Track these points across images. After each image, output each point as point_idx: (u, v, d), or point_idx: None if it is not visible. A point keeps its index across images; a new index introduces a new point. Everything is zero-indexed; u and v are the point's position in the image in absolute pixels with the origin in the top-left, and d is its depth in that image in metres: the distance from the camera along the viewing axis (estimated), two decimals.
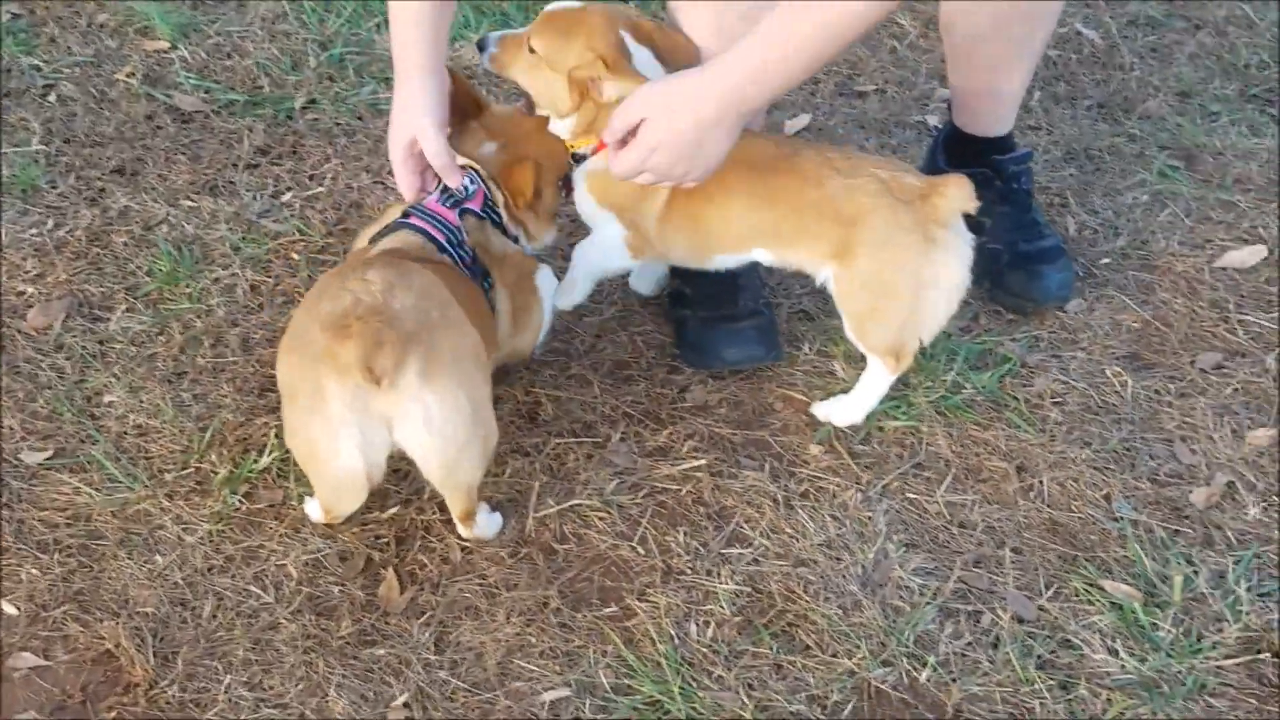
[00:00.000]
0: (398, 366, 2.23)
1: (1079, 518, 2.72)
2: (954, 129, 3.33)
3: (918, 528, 2.69)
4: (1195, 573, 2.59)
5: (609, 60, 2.62)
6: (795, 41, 2.40)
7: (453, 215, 2.64)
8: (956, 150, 3.33)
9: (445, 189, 2.66)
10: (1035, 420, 2.90)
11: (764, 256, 2.82)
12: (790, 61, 2.43)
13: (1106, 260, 3.31)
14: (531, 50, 2.68)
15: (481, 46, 2.78)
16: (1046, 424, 2.90)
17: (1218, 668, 2.44)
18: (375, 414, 2.30)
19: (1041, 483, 2.78)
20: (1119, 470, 2.81)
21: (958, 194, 2.68)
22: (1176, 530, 2.69)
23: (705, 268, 2.89)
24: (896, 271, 2.69)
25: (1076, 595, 2.57)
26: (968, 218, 3.12)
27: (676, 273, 3.11)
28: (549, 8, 2.72)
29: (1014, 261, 3.18)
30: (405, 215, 2.65)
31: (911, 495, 2.75)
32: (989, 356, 3.05)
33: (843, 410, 2.87)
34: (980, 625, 2.52)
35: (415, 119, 2.64)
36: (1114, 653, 2.46)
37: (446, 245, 2.59)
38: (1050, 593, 2.57)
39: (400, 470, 2.66)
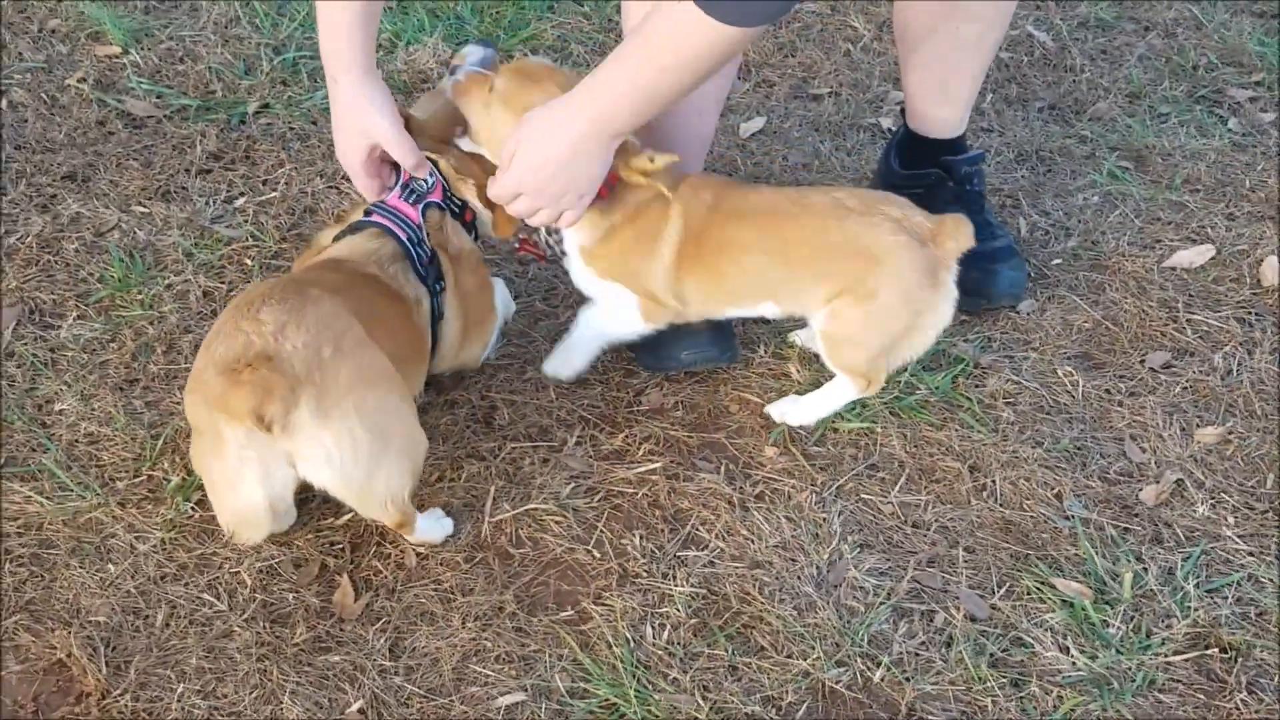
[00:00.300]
0: (288, 413, 2.27)
1: (1031, 516, 2.74)
2: (908, 131, 3.36)
3: (872, 528, 2.71)
4: (1145, 570, 2.62)
5: None
6: (655, 70, 2.40)
7: (414, 212, 2.65)
8: (910, 152, 3.36)
9: (406, 184, 2.67)
10: (988, 420, 2.92)
11: (771, 310, 2.80)
12: (656, 88, 2.42)
13: (1058, 261, 3.34)
14: (491, 89, 2.66)
15: (452, 71, 2.75)
16: (999, 424, 2.92)
17: (1167, 663, 2.47)
18: (275, 453, 2.33)
19: (994, 482, 2.80)
20: (1070, 469, 2.83)
21: (963, 236, 2.74)
22: (1126, 528, 2.71)
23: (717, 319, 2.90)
24: (903, 308, 2.72)
25: (1028, 594, 2.58)
26: None
27: None
28: (521, 59, 2.72)
29: (967, 260, 3.18)
30: (368, 214, 2.65)
31: (866, 496, 2.77)
32: (942, 357, 3.06)
33: (798, 411, 2.88)
34: (934, 624, 2.54)
35: (371, 121, 2.62)
36: (1065, 650, 2.48)
37: (407, 243, 2.59)
38: (1002, 591, 2.59)
39: None
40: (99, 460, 2.73)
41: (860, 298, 2.70)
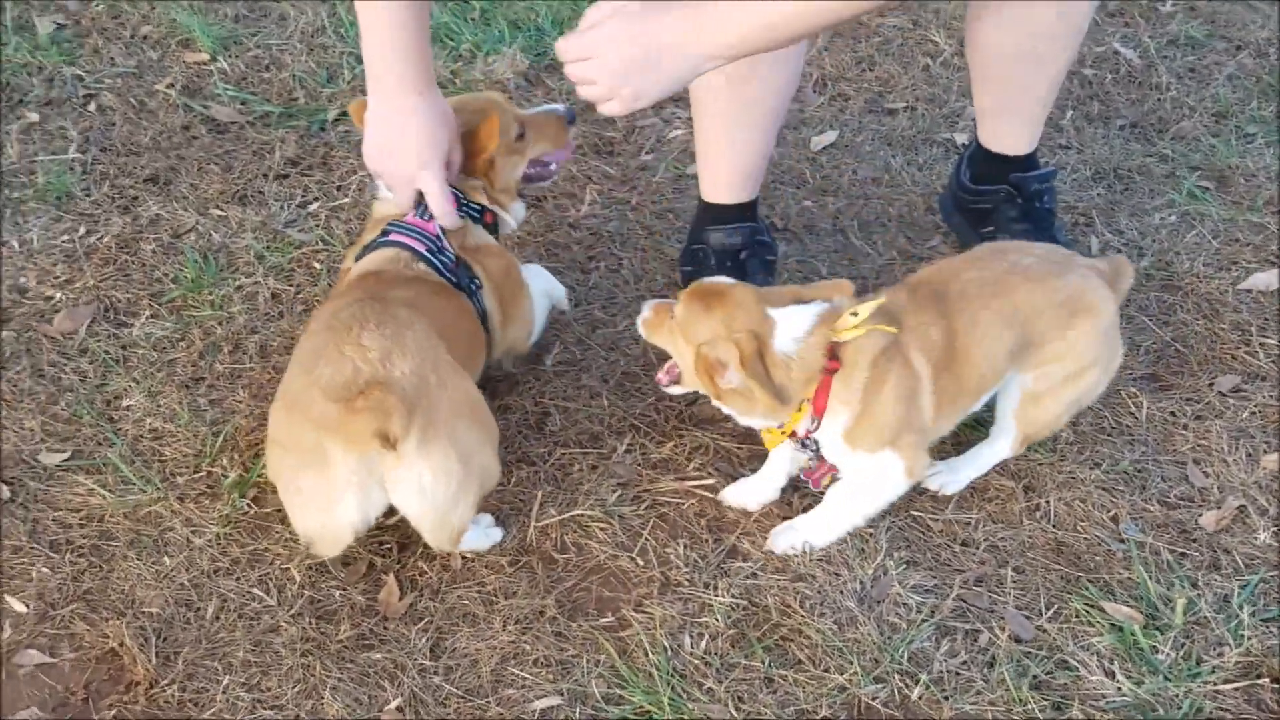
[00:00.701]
0: (405, 433, 2.33)
1: (1084, 539, 2.70)
2: (979, 146, 3.33)
3: (920, 545, 2.69)
4: (1199, 596, 2.57)
5: (744, 351, 2.41)
6: (778, 16, 2.30)
7: (431, 226, 2.69)
8: (981, 168, 3.33)
9: (420, 201, 2.71)
10: (1046, 441, 2.88)
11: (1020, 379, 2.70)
12: (766, 32, 2.32)
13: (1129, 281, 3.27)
14: (672, 316, 2.58)
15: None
16: (1058, 444, 2.88)
17: (1215, 691, 2.41)
18: (374, 478, 2.40)
19: (1048, 503, 2.76)
20: (1129, 491, 2.78)
21: (1127, 276, 2.78)
22: (1183, 553, 2.66)
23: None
24: (1110, 358, 2.74)
25: (1077, 616, 2.54)
26: (986, 236, 3.13)
27: (686, 285, 3.11)
28: (701, 281, 2.60)
29: None
30: (385, 233, 2.69)
31: (915, 513, 2.74)
32: None
33: (955, 479, 2.79)
34: (977, 644, 2.51)
35: (414, 167, 2.64)
36: (1111, 674, 2.44)
37: (427, 254, 2.64)
38: (1050, 613, 2.56)
39: None
40: (161, 455, 2.80)
41: (1066, 354, 2.65)
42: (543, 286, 2.97)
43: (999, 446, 2.78)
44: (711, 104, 3.02)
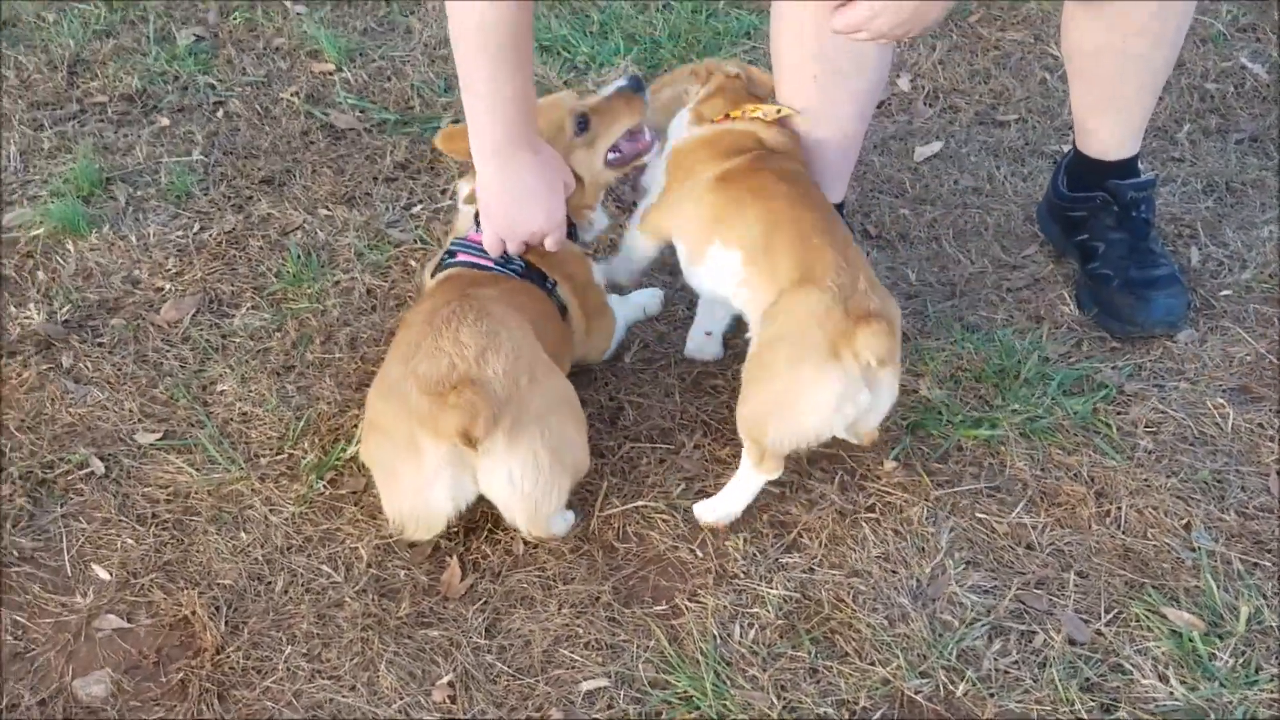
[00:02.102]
0: (489, 435, 2.42)
1: (1153, 545, 2.64)
2: (1076, 152, 3.29)
3: (982, 546, 2.66)
4: (1266, 606, 2.49)
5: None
6: None
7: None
8: (1077, 174, 3.29)
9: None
10: (1124, 447, 2.83)
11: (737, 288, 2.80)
12: None
13: (1227, 292, 3.21)
14: None
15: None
16: (1135, 451, 2.83)
17: (1272, 699, 2.34)
18: (466, 469, 2.50)
19: (1120, 509, 2.71)
20: (1205, 501, 2.72)
21: (879, 349, 2.52)
22: (1256, 564, 2.59)
23: None
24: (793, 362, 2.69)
25: (1136, 621, 2.50)
26: (1079, 243, 3.09)
27: None
28: None
29: (1123, 286, 3.12)
30: (451, 252, 2.79)
31: (981, 515, 2.72)
32: (1085, 383, 2.99)
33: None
34: (1030, 645, 2.47)
35: (543, 225, 2.75)
36: (1164, 679, 2.39)
37: (494, 266, 2.72)
38: (1109, 618, 2.51)
39: None
40: (247, 437, 2.91)
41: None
42: (639, 301, 3.08)
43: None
44: (798, 106, 3.04)
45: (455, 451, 2.46)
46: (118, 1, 4.31)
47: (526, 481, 2.50)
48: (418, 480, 2.51)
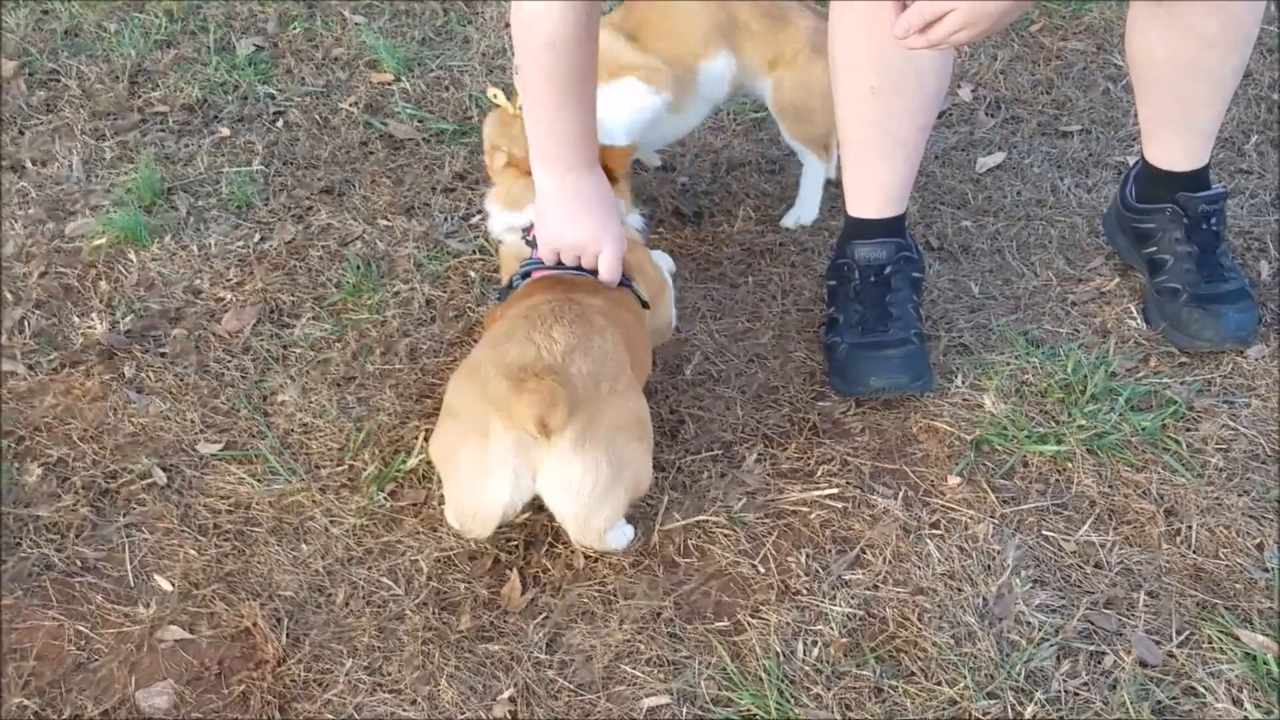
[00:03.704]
0: (562, 428, 2.41)
1: (1225, 565, 2.59)
2: (1144, 163, 3.25)
3: (1050, 565, 2.62)
4: None
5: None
6: None
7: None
8: (1145, 186, 3.25)
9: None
10: (1194, 465, 2.79)
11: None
12: None
13: None
14: None
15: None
16: (1205, 469, 2.78)
17: None
18: (528, 464, 2.48)
19: (1190, 528, 2.67)
20: (1278, 520, 2.66)
21: None
22: None
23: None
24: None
25: (1209, 643, 2.45)
26: (1147, 256, 3.05)
27: (830, 299, 3.12)
28: None
29: (1192, 301, 3.07)
30: (525, 274, 2.81)
31: (1048, 532, 2.68)
32: (1153, 398, 2.94)
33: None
34: (1100, 666, 2.43)
35: (597, 239, 2.74)
36: (1238, 703, 2.34)
37: (570, 269, 2.74)
38: (1181, 639, 2.46)
39: None
40: (308, 448, 2.91)
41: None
42: (664, 264, 3.07)
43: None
44: (858, 117, 3.02)
45: (522, 442, 2.44)
46: (179, 11, 4.34)
47: (585, 489, 2.48)
48: (479, 467, 2.49)
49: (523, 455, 2.46)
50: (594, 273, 2.75)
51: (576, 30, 2.58)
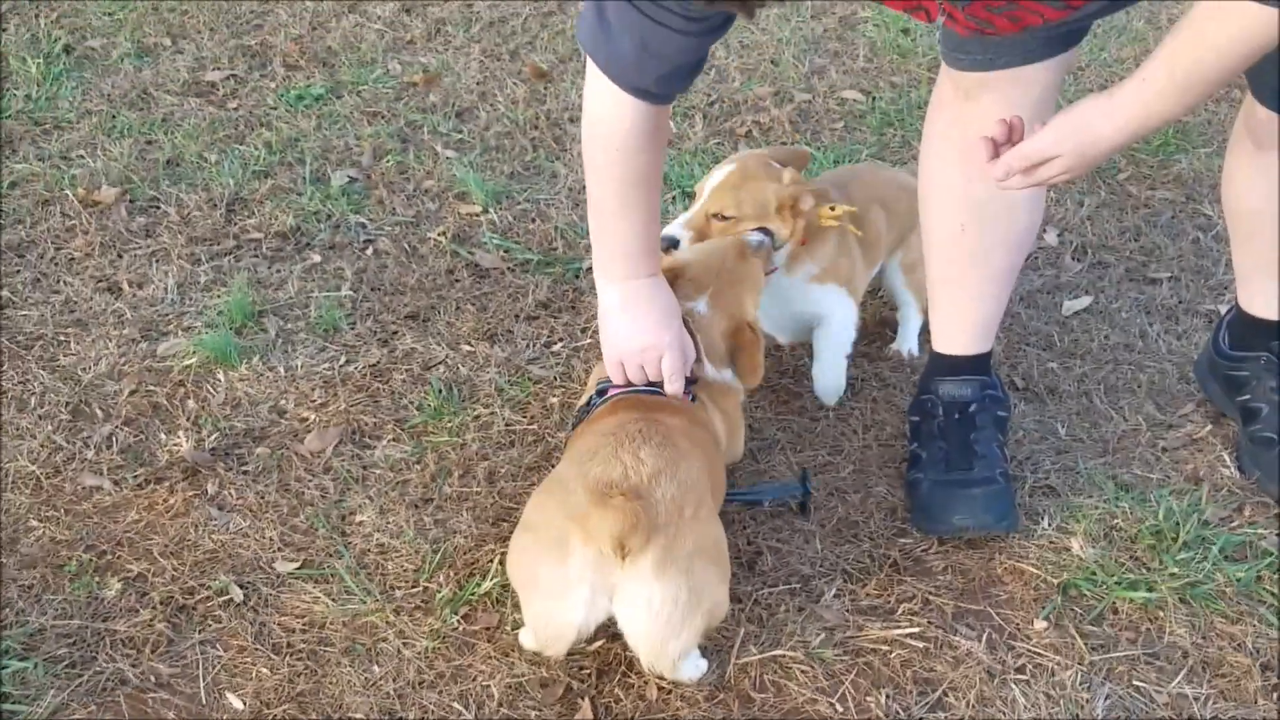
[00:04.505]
0: (642, 550, 2.38)
1: None
2: (1239, 310, 3.21)
3: (1140, 716, 2.53)
4: None
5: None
6: (1196, 67, 2.28)
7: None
8: (1240, 332, 3.21)
9: None
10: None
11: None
12: (1190, 89, 2.31)
13: None
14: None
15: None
16: None
17: None
18: (606, 582, 2.44)
19: None
20: None
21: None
22: None
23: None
24: None
25: None
26: (1241, 404, 3.00)
27: (913, 435, 3.08)
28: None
29: None
30: (601, 391, 2.83)
31: (1139, 682, 2.60)
32: (1248, 549, 2.87)
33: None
34: None
35: (661, 340, 2.76)
36: None
37: (643, 389, 2.76)
38: None
39: None
40: (384, 569, 2.90)
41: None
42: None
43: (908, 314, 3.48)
44: (948, 254, 3.01)
45: (601, 561, 2.41)
46: (277, 144, 4.45)
47: (662, 614, 2.43)
48: (557, 583, 2.45)
49: (601, 574, 2.43)
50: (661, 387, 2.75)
51: (647, 128, 2.63)
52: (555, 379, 3.43)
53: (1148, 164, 4.34)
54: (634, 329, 2.77)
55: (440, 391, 3.39)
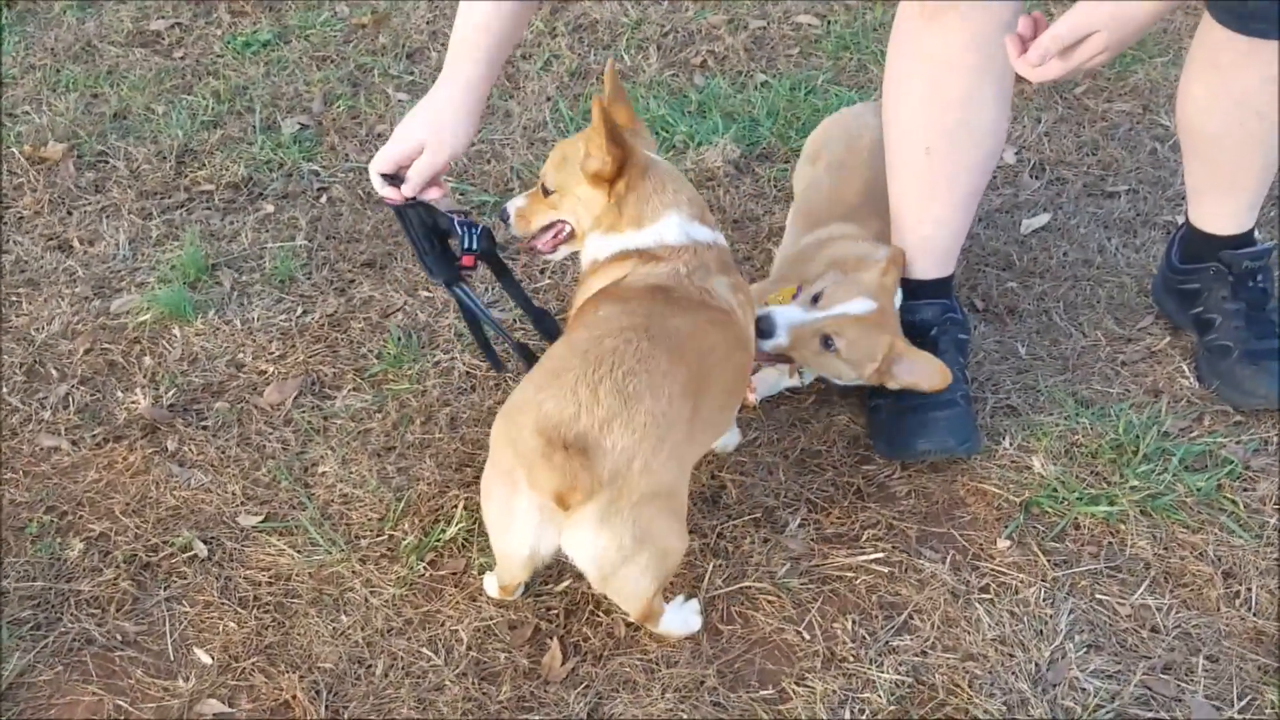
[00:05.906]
0: (582, 505, 2.32)
1: None
2: (1190, 226, 3.20)
3: (1104, 629, 2.55)
4: None
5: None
6: None
7: None
8: (1191, 247, 3.20)
9: None
10: (1252, 525, 2.72)
11: None
12: None
13: None
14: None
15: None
16: (1264, 530, 2.71)
17: None
18: (553, 522, 2.38)
19: (1250, 590, 2.59)
20: None
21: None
22: None
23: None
24: None
25: (1271, 708, 2.37)
26: (1195, 316, 2.99)
27: None
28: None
29: (1244, 358, 3.01)
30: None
31: (1102, 596, 2.61)
32: (1208, 458, 2.88)
33: None
34: None
35: (434, 131, 2.68)
36: None
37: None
38: (1243, 704, 2.39)
39: None
40: (348, 519, 2.89)
41: None
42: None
43: None
44: (909, 177, 2.99)
45: (546, 504, 2.35)
46: (225, 93, 4.39)
47: (606, 560, 2.38)
48: (507, 514, 2.41)
49: (547, 515, 2.37)
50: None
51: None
52: (514, 321, 3.41)
53: (1105, 75, 4.32)
54: (408, 121, 2.71)
55: (399, 339, 3.36)
